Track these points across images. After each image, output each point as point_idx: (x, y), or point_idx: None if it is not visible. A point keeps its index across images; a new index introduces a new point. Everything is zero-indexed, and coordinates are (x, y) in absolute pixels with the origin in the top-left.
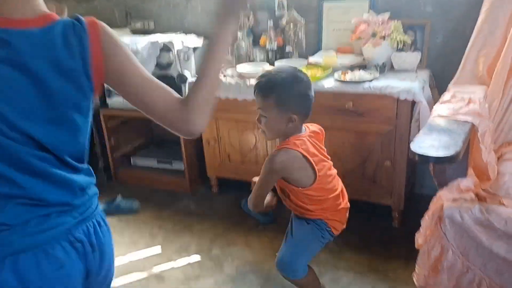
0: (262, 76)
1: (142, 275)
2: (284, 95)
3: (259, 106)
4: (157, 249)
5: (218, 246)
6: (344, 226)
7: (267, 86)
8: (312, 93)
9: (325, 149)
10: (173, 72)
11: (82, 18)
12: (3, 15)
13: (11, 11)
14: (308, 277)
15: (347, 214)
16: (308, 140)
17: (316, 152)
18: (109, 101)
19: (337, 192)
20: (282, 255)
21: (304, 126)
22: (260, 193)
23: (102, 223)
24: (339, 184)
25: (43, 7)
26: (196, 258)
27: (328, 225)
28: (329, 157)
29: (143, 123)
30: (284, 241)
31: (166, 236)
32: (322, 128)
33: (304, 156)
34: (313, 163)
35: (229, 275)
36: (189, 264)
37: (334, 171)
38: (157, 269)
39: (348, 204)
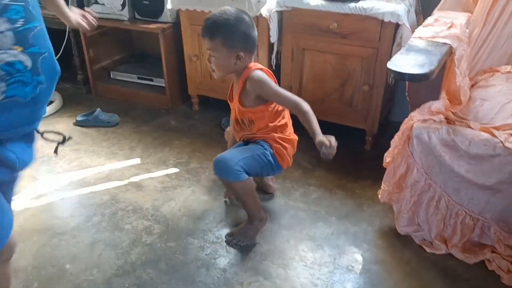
0: (207, 18)
1: (122, 183)
2: (229, 35)
3: (208, 47)
4: (136, 161)
5: (196, 161)
6: (290, 161)
7: (213, 28)
8: (256, 33)
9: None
10: None
11: None
12: None
13: None
14: (245, 183)
15: (294, 151)
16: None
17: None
18: (87, 9)
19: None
20: (221, 154)
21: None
22: (285, 91)
23: None
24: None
25: None
26: (174, 170)
27: (273, 148)
28: None
29: (124, 36)
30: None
31: (145, 150)
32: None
33: (265, 72)
34: (272, 77)
35: (206, 186)
36: (167, 175)
37: None
38: (136, 179)
39: (296, 140)
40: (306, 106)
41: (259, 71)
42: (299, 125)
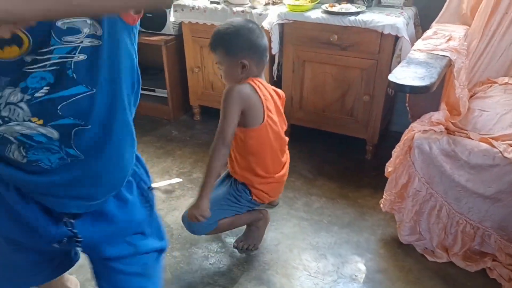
0: (213, 32)
1: None
2: (230, 43)
3: (215, 59)
4: None
5: (199, 170)
6: (274, 198)
7: (216, 39)
8: (264, 41)
9: (283, 114)
10: None
11: None
12: None
13: None
14: (221, 225)
15: (281, 189)
16: (265, 86)
17: (270, 99)
18: None
19: (277, 159)
20: (184, 217)
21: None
22: (225, 126)
23: None
24: (283, 154)
25: None
26: (177, 180)
27: (251, 193)
28: (285, 121)
29: None
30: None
31: (148, 160)
32: (283, 94)
33: (253, 88)
34: (263, 99)
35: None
36: (170, 185)
37: (282, 131)
38: None
39: (284, 178)
40: (211, 151)
41: (244, 87)
42: (298, 137)
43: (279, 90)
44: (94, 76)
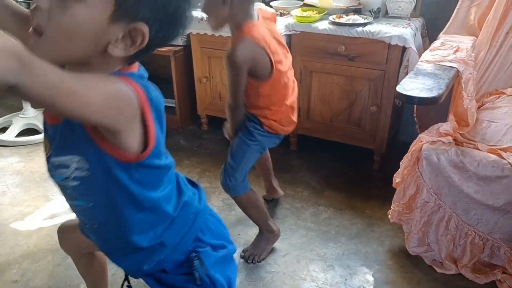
0: None
1: None
2: None
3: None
4: None
5: (206, 180)
6: (289, 128)
7: None
8: None
9: (280, 35)
10: None
11: None
12: None
13: None
14: (248, 196)
15: (293, 117)
16: (264, 28)
17: (273, 41)
18: None
19: (288, 91)
20: (222, 173)
21: (256, 11)
22: (235, 90)
23: None
24: (290, 81)
25: None
26: None
27: (262, 124)
28: (285, 45)
29: None
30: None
31: None
32: (273, 13)
33: (259, 44)
34: (269, 53)
35: (216, 207)
36: None
37: (288, 62)
38: None
39: (294, 105)
40: (228, 111)
41: (245, 47)
42: (306, 147)
43: (269, 10)
44: (90, 195)
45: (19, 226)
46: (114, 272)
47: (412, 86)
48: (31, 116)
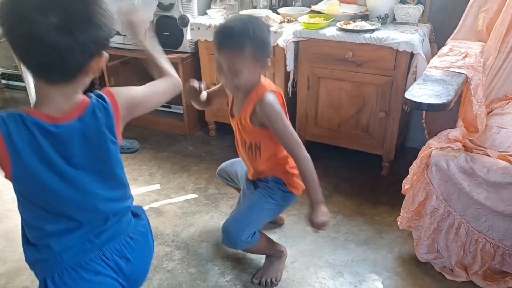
0: (227, 28)
1: None
2: (258, 43)
3: (230, 60)
4: (156, 187)
5: (214, 186)
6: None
7: (241, 38)
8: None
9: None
10: (174, 13)
11: (102, 94)
12: (47, 113)
13: (55, 110)
14: (259, 243)
15: None
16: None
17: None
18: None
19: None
20: (227, 225)
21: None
22: (293, 132)
23: (134, 236)
24: None
25: (79, 96)
26: (193, 196)
27: (286, 184)
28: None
29: (144, 65)
30: (234, 210)
31: (165, 175)
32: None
33: (277, 96)
34: (285, 105)
35: (224, 212)
36: (186, 201)
37: None
38: (156, 204)
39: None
40: (307, 163)
41: (272, 94)
42: (314, 153)
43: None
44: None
45: None
46: None
47: (421, 92)
48: None
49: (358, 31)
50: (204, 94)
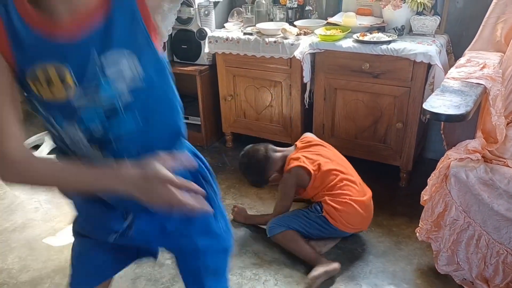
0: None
1: None
2: (253, 176)
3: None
4: None
5: (231, 197)
6: (353, 227)
7: (243, 174)
8: (269, 153)
9: (327, 145)
10: (193, 27)
11: None
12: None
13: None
14: (282, 235)
15: (360, 217)
16: (302, 153)
17: (313, 155)
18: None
19: (342, 177)
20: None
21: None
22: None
23: None
24: (348, 171)
25: None
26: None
27: (322, 208)
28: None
29: None
30: None
31: None
32: (312, 135)
33: (303, 167)
34: (310, 169)
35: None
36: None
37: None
38: None
39: (362, 206)
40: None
41: (299, 169)
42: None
43: (307, 138)
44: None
45: (51, 241)
46: None
47: (439, 103)
48: None
49: (375, 43)
50: None
